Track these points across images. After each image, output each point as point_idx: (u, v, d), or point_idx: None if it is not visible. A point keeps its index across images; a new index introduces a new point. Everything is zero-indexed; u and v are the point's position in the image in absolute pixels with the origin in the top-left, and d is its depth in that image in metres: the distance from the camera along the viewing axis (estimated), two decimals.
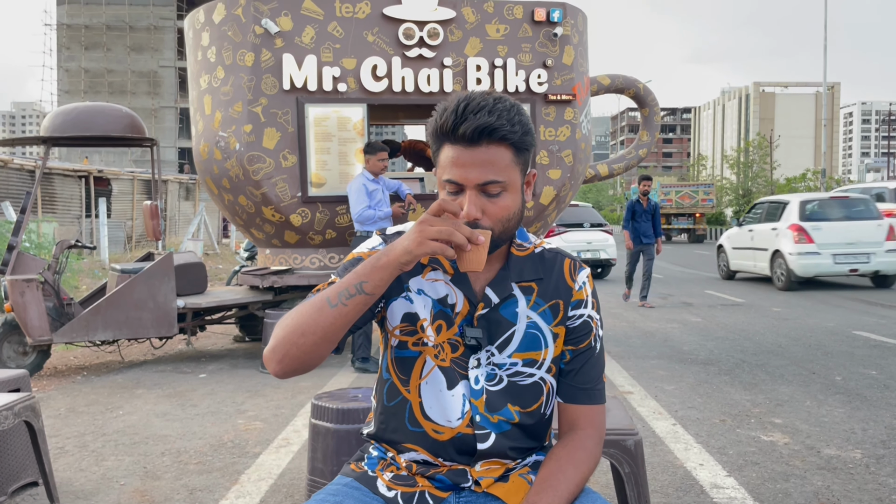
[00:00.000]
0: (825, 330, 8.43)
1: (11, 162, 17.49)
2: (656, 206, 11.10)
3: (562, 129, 7.14)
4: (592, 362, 1.56)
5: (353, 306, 1.35)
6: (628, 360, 6.83)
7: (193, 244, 18.92)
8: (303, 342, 1.36)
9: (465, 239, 1.31)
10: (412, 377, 1.53)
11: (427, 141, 1.50)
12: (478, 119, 1.37)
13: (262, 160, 6.53)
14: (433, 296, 1.51)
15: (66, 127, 6.43)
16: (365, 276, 1.35)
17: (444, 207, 1.34)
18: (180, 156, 45.81)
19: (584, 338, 1.55)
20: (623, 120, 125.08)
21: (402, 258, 1.33)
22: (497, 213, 1.42)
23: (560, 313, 1.53)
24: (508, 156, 1.41)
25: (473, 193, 1.40)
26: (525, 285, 1.52)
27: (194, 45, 7.00)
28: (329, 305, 1.35)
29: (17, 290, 6.04)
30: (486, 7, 6.88)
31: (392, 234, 1.56)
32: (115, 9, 44.45)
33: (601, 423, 1.55)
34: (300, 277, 6.80)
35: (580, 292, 1.55)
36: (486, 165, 1.39)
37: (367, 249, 1.54)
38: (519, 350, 1.51)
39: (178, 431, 4.60)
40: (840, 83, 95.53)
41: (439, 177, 1.45)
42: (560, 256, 1.57)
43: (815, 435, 4.42)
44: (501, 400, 1.51)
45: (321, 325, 1.35)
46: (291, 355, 1.37)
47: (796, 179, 38.15)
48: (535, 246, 1.57)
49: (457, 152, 1.40)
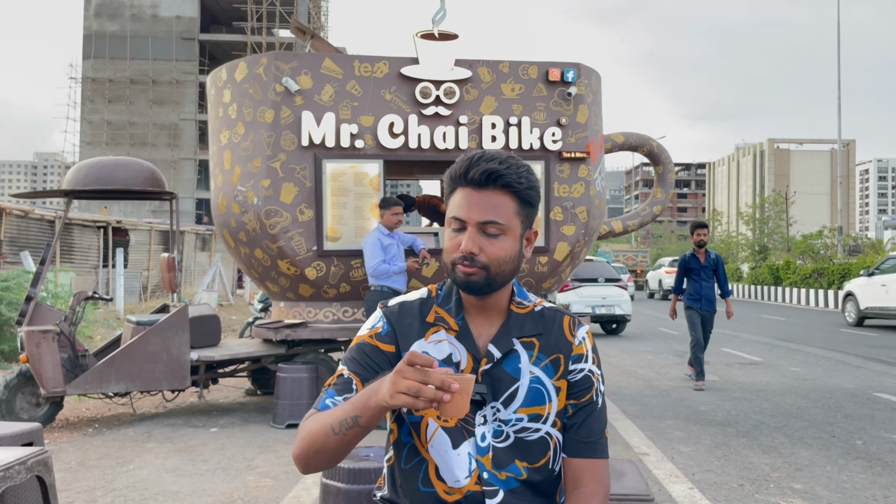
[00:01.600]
0: (845, 392, 8.29)
1: (32, 212, 17.76)
2: (718, 259, 8.81)
3: (576, 185, 7.18)
4: (595, 416, 1.58)
5: (352, 436, 1.43)
6: (644, 419, 6.73)
7: (208, 295, 18.99)
8: (318, 458, 1.49)
9: (435, 392, 1.29)
10: (421, 440, 1.56)
11: (443, 190, 1.57)
12: (488, 165, 1.50)
13: (279, 214, 6.60)
14: (438, 356, 1.55)
15: (88, 180, 6.54)
16: (359, 410, 1.41)
17: (412, 360, 1.32)
18: (198, 206, 46.38)
19: (585, 392, 1.58)
20: (637, 175, 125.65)
21: (383, 404, 1.36)
22: (494, 252, 1.50)
23: (561, 367, 1.57)
24: (512, 205, 1.51)
25: (474, 230, 1.50)
26: (526, 340, 1.57)
27: (216, 101, 7.16)
28: (332, 433, 1.44)
29: (33, 341, 6.08)
30: (501, 67, 7.00)
31: (393, 306, 1.63)
32: (140, 63, 45.61)
33: (605, 478, 1.56)
34: (314, 331, 6.80)
35: (580, 347, 1.59)
36: (489, 208, 1.50)
37: (367, 331, 1.61)
38: (524, 405, 1.54)
39: (188, 488, 4.55)
40: (855, 140, 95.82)
41: (448, 216, 1.54)
42: (560, 314, 1.63)
43: (836, 501, 4.32)
44: (509, 456, 1.53)
45: (328, 449, 1.46)
46: (311, 465, 1.51)
47: (813, 236, 37.93)
48: (535, 304, 1.63)
49: (465, 194, 1.52)
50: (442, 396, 1.30)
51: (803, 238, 38.76)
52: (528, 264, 7.05)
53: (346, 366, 1.56)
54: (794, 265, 33.80)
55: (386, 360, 1.56)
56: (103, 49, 45.51)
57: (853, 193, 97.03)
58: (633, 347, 13.08)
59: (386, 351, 1.57)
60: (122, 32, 45.75)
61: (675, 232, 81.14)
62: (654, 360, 11.19)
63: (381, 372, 1.55)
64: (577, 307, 14.67)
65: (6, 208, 16.71)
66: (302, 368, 6.47)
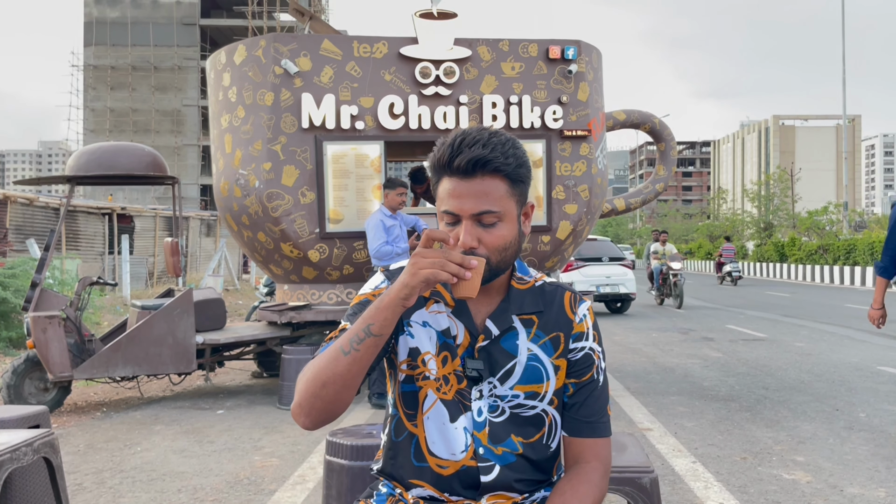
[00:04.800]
0: (849, 366, 8.30)
1: (37, 200, 17.80)
2: None
3: (577, 164, 7.17)
4: (596, 395, 1.56)
5: (364, 350, 1.38)
6: (647, 396, 6.76)
7: (213, 280, 19.04)
8: (325, 393, 1.39)
9: (457, 266, 1.34)
10: (418, 411, 1.55)
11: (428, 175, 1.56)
12: (472, 152, 1.43)
13: (281, 197, 6.61)
14: (437, 328, 1.54)
15: (90, 166, 6.55)
16: (371, 318, 1.38)
17: (432, 237, 1.38)
18: (202, 192, 46.41)
19: (586, 370, 1.56)
20: (642, 154, 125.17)
21: (401, 293, 1.35)
22: (493, 243, 1.46)
23: (561, 346, 1.55)
24: (503, 187, 1.46)
25: (469, 223, 1.45)
26: (525, 318, 1.55)
27: (216, 85, 7.15)
28: (343, 353, 1.38)
29: (39, 327, 6.12)
30: (501, 46, 6.97)
31: (395, 270, 1.59)
32: (141, 50, 45.48)
33: (607, 455, 1.55)
34: (318, 313, 6.83)
35: (580, 325, 1.57)
36: (481, 196, 1.44)
37: (371, 289, 1.57)
38: (520, 382, 1.52)
39: (196, 468, 4.60)
40: (861, 115, 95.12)
41: (438, 209, 1.50)
42: (560, 290, 1.60)
43: (839, 473, 4.34)
44: (505, 431, 1.52)
45: (339, 374, 1.38)
46: (317, 408, 1.41)
47: (818, 212, 37.80)
48: (536, 280, 1.60)
49: (453, 184, 1.45)
50: (464, 272, 1.33)
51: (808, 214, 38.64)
52: (531, 243, 7.05)
53: (347, 321, 1.52)
54: (800, 242, 33.74)
55: None
56: (104, 36, 45.39)
57: (859, 169, 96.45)
58: (638, 325, 13.10)
59: None
60: (122, 19, 45.59)
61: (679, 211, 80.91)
62: (658, 337, 11.21)
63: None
64: (581, 286, 14.68)
65: (11, 196, 16.75)
66: (307, 350, 6.50)
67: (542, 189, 7.04)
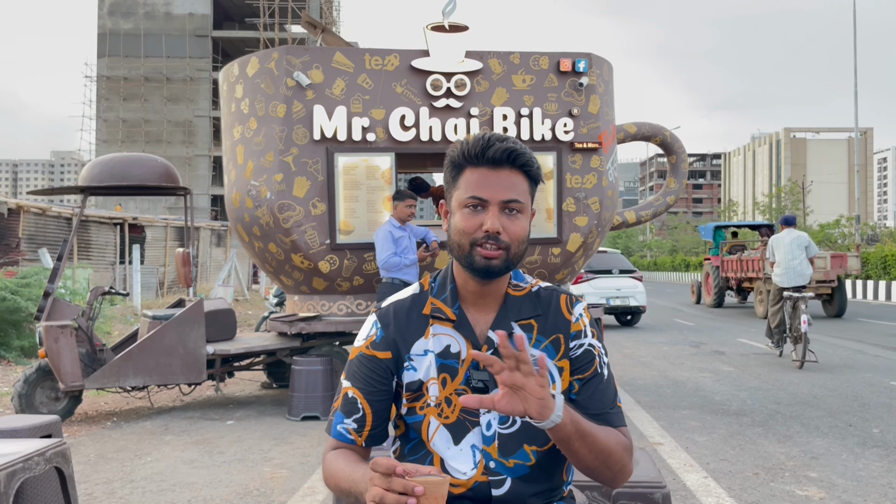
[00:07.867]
0: (862, 381, 8.24)
1: (49, 210, 17.93)
2: None
3: (588, 176, 7.17)
4: (602, 388, 1.57)
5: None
6: (658, 410, 6.72)
7: (224, 290, 19.11)
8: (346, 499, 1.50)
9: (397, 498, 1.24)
10: (423, 439, 1.57)
11: (445, 173, 1.59)
12: (505, 144, 1.52)
13: (292, 208, 6.63)
14: (436, 350, 1.56)
15: (103, 177, 6.60)
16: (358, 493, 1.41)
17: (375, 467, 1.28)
18: (213, 203, 46.62)
19: (588, 366, 1.57)
20: (652, 166, 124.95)
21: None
22: (515, 232, 1.52)
23: (562, 347, 1.57)
24: (525, 184, 1.55)
25: (496, 210, 1.51)
26: (524, 323, 1.57)
27: (228, 97, 7.19)
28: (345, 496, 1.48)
29: (51, 336, 6.15)
30: (512, 58, 6.99)
31: (385, 308, 1.64)
32: (154, 61, 45.84)
33: (627, 439, 1.56)
34: (328, 324, 6.83)
35: (577, 324, 1.59)
36: (509, 186, 1.53)
37: (363, 341, 1.61)
38: None
39: (205, 479, 4.60)
40: (873, 128, 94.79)
41: (458, 199, 1.54)
42: (556, 293, 1.63)
43: (852, 490, 4.30)
44: (516, 441, 1.52)
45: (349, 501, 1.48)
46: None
47: (830, 226, 37.63)
48: (532, 285, 1.63)
49: (482, 173, 1.53)
50: (413, 489, 1.24)
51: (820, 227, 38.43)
52: (541, 255, 7.04)
53: (348, 381, 1.58)
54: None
55: (385, 368, 1.58)
56: (117, 47, 45.77)
57: (871, 182, 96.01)
58: (649, 339, 13.05)
59: (383, 359, 1.58)
60: (135, 30, 45.98)
61: (690, 223, 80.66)
62: (669, 350, 11.16)
63: (382, 382, 1.56)
64: (591, 299, 14.64)
65: (24, 206, 16.88)
66: (317, 361, 6.51)
67: (552, 201, 7.03)
